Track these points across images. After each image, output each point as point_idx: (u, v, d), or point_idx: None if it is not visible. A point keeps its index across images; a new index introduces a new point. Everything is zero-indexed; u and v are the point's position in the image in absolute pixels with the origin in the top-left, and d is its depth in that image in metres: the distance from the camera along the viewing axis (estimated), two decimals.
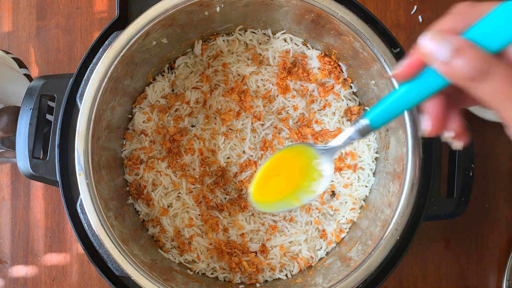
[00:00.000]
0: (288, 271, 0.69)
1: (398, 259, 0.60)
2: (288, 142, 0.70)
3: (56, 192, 0.86)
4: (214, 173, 0.70)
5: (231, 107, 0.70)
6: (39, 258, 0.84)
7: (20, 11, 0.89)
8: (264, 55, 0.72)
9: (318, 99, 0.71)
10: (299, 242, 0.69)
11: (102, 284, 0.84)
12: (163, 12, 0.58)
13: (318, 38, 0.68)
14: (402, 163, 0.59)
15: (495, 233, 0.82)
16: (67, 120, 0.62)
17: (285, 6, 0.62)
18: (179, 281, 0.62)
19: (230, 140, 0.70)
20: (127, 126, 0.71)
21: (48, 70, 0.88)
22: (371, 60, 0.60)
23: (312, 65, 0.71)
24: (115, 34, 0.61)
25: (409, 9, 0.87)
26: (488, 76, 0.31)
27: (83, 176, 0.57)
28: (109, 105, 0.62)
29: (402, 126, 0.58)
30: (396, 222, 0.57)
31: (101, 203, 0.58)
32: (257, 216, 0.70)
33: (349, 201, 0.69)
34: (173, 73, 0.72)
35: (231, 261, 0.67)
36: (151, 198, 0.69)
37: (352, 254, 0.63)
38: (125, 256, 0.57)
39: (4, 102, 0.76)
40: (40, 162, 0.63)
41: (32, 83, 0.65)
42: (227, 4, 0.62)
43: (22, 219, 0.85)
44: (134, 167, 0.69)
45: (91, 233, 0.59)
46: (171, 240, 0.69)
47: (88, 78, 0.59)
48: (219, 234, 0.69)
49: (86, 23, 0.89)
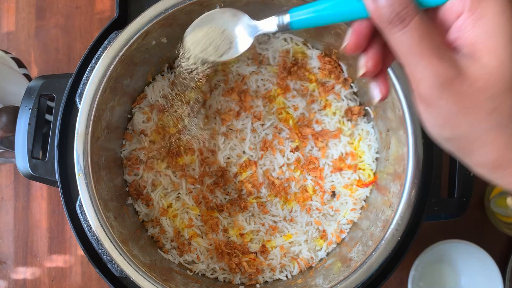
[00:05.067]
0: (288, 271, 0.69)
1: (399, 259, 0.60)
2: (288, 142, 0.70)
3: (55, 192, 0.86)
4: (214, 173, 0.70)
5: (231, 107, 0.70)
6: (38, 259, 0.84)
7: (19, 10, 0.89)
8: (264, 55, 0.72)
9: (318, 99, 0.71)
10: (299, 242, 0.69)
11: (102, 284, 0.84)
12: (162, 12, 0.58)
13: (318, 37, 0.68)
14: (403, 164, 0.59)
15: (496, 234, 0.81)
16: (66, 120, 0.62)
17: (285, 5, 0.62)
18: (178, 281, 0.62)
19: (230, 140, 0.70)
20: (127, 126, 0.71)
21: (47, 70, 0.88)
22: None
23: (312, 65, 0.71)
24: (115, 33, 0.61)
25: None
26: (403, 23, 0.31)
27: (82, 176, 0.57)
28: (109, 105, 0.62)
29: (403, 126, 0.58)
30: (397, 222, 0.57)
31: (101, 204, 0.58)
32: (257, 217, 0.70)
33: (349, 202, 0.69)
34: (173, 72, 0.72)
35: (231, 262, 0.67)
36: (151, 198, 0.69)
37: (352, 254, 0.62)
38: (125, 257, 0.57)
39: (3, 102, 0.76)
40: (39, 162, 0.63)
41: (31, 83, 0.65)
42: (227, 4, 0.62)
43: (21, 220, 0.85)
44: (133, 167, 0.69)
45: (91, 233, 0.58)
46: (170, 240, 0.69)
47: (88, 78, 0.59)
48: (219, 235, 0.69)
49: (86, 22, 0.89)
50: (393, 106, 0.60)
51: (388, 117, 0.63)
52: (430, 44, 0.31)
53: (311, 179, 0.70)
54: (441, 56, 0.31)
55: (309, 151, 0.70)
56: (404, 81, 0.58)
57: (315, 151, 0.70)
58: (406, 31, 0.31)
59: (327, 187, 0.70)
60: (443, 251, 0.78)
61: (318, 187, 0.70)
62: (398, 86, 0.58)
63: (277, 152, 0.69)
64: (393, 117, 0.61)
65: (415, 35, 0.31)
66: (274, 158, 0.70)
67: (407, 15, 0.31)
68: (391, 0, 0.31)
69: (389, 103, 0.61)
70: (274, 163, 0.70)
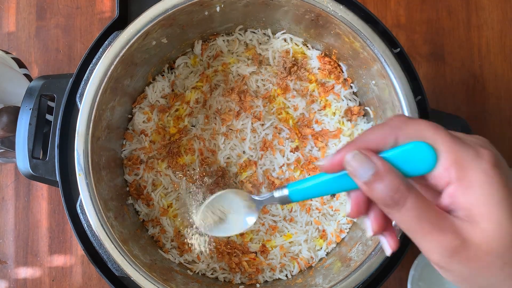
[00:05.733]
0: (288, 271, 0.69)
1: (399, 259, 0.60)
2: (288, 142, 0.70)
3: (56, 192, 0.86)
4: (214, 173, 0.70)
5: (231, 107, 0.70)
6: (39, 259, 0.84)
7: (20, 11, 0.89)
8: (264, 55, 0.72)
9: (318, 99, 0.71)
10: (299, 242, 0.69)
11: (102, 284, 0.84)
12: (163, 12, 0.58)
13: (318, 38, 0.68)
14: None
15: None
16: (67, 120, 0.62)
17: (285, 6, 0.62)
18: (179, 281, 0.62)
19: (230, 140, 0.70)
20: (127, 126, 0.71)
21: (47, 70, 0.88)
22: (371, 60, 0.60)
23: (312, 65, 0.71)
24: (115, 34, 0.61)
25: (409, 9, 0.87)
26: (399, 205, 0.33)
27: (83, 176, 0.57)
28: (109, 105, 0.62)
29: None
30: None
31: (101, 203, 0.58)
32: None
33: (349, 202, 0.69)
34: (173, 73, 0.72)
35: (231, 262, 0.67)
36: (151, 198, 0.69)
37: (352, 254, 0.62)
38: (125, 257, 0.57)
39: (4, 102, 0.76)
40: (39, 162, 0.63)
41: (32, 83, 0.65)
42: (227, 4, 0.62)
43: (22, 219, 0.85)
44: (134, 167, 0.69)
45: (91, 233, 0.58)
46: (171, 240, 0.69)
47: (88, 78, 0.59)
48: None
49: (86, 23, 0.89)
50: (392, 106, 0.60)
51: (388, 117, 0.63)
52: (429, 219, 0.32)
53: None
54: (442, 229, 0.32)
55: (309, 151, 0.71)
56: (404, 81, 0.58)
57: (315, 151, 0.71)
58: (403, 212, 0.33)
59: None
60: None
61: None
62: (397, 86, 0.58)
63: (277, 152, 0.70)
64: None
65: (412, 214, 0.33)
66: (274, 158, 0.70)
67: (401, 197, 0.33)
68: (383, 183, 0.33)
69: (388, 103, 0.61)
70: (274, 163, 0.70)
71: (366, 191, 0.34)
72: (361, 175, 0.34)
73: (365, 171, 0.34)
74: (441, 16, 0.86)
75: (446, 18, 0.86)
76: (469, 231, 0.32)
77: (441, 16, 0.86)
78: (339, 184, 0.37)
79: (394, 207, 0.33)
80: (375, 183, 0.33)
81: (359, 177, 0.34)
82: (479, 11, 0.86)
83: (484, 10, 0.86)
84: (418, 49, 0.86)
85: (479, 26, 0.86)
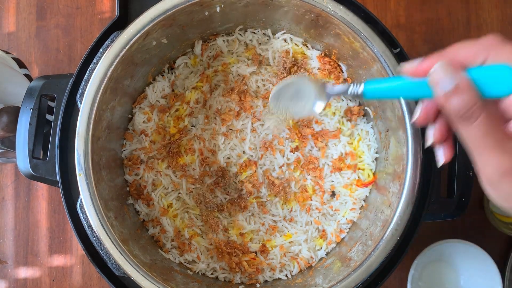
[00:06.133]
0: (288, 271, 0.69)
1: (399, 259, 0.60)
2: (288, 142, 0.70)
3: (56, 192, 0.86)
4: (214, 173, 0.70)
5: (231, 107, 0.70)
6: (39, 258, 0.84)
7: (20, 11, 0.89)
8: (264, 55, 0.72)
9: None
10: (299, 242, 0.69)
11: (102, 284, 0.84)
12: (163, 12, 0.58)
13: (318, 38, 0.68)
14: (402, 163, 0.59)
15: (495, 234, 0.81)
16: (67, 120, 0.62)
17: (285, 6, 0.62)
18: (179, 281, 0.62)
19: (230, 140, 0.70)
20: (127, 126, 0.71)
21: (48, 70, 0.88)
22: (371, 60, 0.60)
23: (312, 65, 0.71)
24: (115, 34, 0.61)
25: (409, 9, 0.87)
26: (471, 119, 0.35)
27: (83, 176, 0.57)
28: (109, 105, 0.62)
29: (402, 126, 0.58)
30: (396, 222, 0.57)
31: (101, 203, 0.58)
32: (257, 216, 0.70)
33: (349, 201, 0.69)
34: (173, 73, 0.72)
35: (231, 261, 0.67)
36: (151, 198, 0.69)
37: (352, 254, 0.63)
38: (125, 256, 0.57)
39: (4, 102, 0.76)
40: (40, 162, 0.63)
41: (32, 83, 0.65)
42: (227, 4, 0.62)
43: (22, 219, 0.85)
44: (134, 167, 0.69)
45: (91, 233, 0.59)
46: (171, 240, 0.69)
47: (88, 78, 0.59)
48: (219, 234, 0.69)
49: (86, 23, 0.89)
50: (392, 107, 0.60)
51: (388, 117, 0.64)
52: (494, 138, 0.35)
53: (310, 179, 0.70)
54: (504, 149, 0.35)
55: (309, 151, 0.71)
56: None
57: (315, 151, 0.71)
58: (473, 126, 0.35)
59: (327, 187, 0.70)
60: (443, 250, 0.78)
61: (318, 187, 0.70)
62: None
63: (277, 152, 0.70)
64: (392, 117, 0.62)
65: (481, 130, 0.35)
66: (274, 158, 0.70)
67: (475, 112, 0.35)
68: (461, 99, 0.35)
69: (388, 103, 0.62)
70: (274, 163, 0.70)
71: (443, 101, 0.36)
72: (442, 86, 0.36)
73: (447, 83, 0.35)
74: (441, 16, 0.86)
75: (446, 18, 0.86)
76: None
77: (441, 16, 0.86)
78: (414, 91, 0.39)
79: (466, 121, 0.35)
80: (453, 96, 0.35)
81: (441, 87, 0.36)
82: (478, 11, 0.87)
83: (484, 10, 0.87)
84: (418, 49, 0.86)
85: (479, 26, 0.86)
